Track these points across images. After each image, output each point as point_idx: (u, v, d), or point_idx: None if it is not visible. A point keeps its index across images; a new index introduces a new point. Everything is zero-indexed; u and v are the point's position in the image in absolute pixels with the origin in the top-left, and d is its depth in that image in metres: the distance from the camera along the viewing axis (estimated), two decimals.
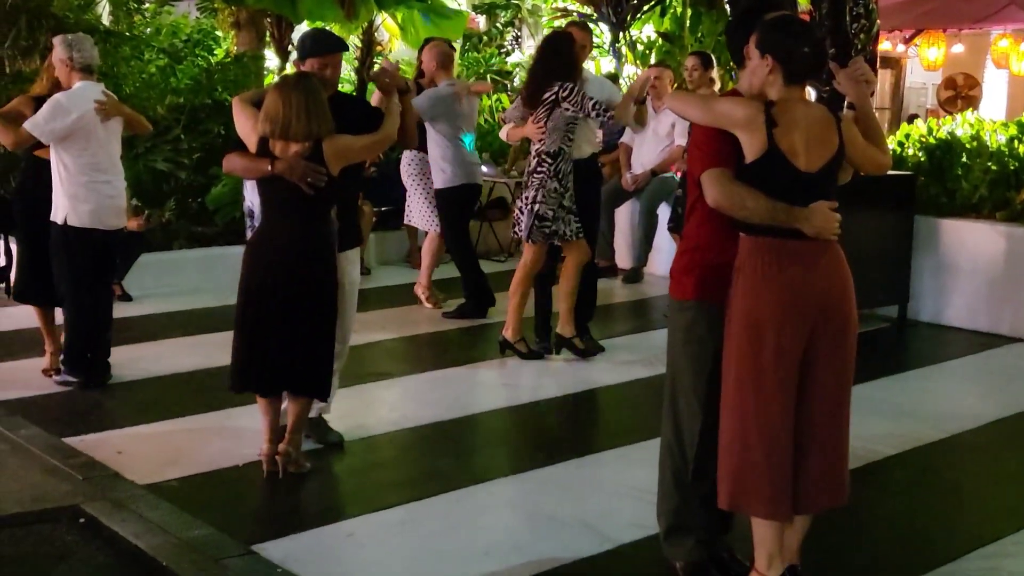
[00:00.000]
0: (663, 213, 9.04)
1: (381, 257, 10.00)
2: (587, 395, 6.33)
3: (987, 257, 7.70)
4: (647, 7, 12.92)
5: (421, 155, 8.04)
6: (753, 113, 3.42)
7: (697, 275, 3.68)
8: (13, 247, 7.42)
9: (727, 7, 10.47)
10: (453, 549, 4.17)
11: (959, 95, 17.06)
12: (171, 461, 4.99)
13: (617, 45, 12.88)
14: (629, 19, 12.84)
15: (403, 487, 4.81)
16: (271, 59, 13.76)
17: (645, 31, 13.71)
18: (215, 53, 12.65)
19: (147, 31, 12.88)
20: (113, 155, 6.07)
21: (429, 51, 7.91)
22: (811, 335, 3.44)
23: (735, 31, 3.76)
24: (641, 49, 13.07)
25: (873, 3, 7.21)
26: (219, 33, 13.48)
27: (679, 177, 8.64)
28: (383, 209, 9.89)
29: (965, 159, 8.09)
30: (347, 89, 12.82)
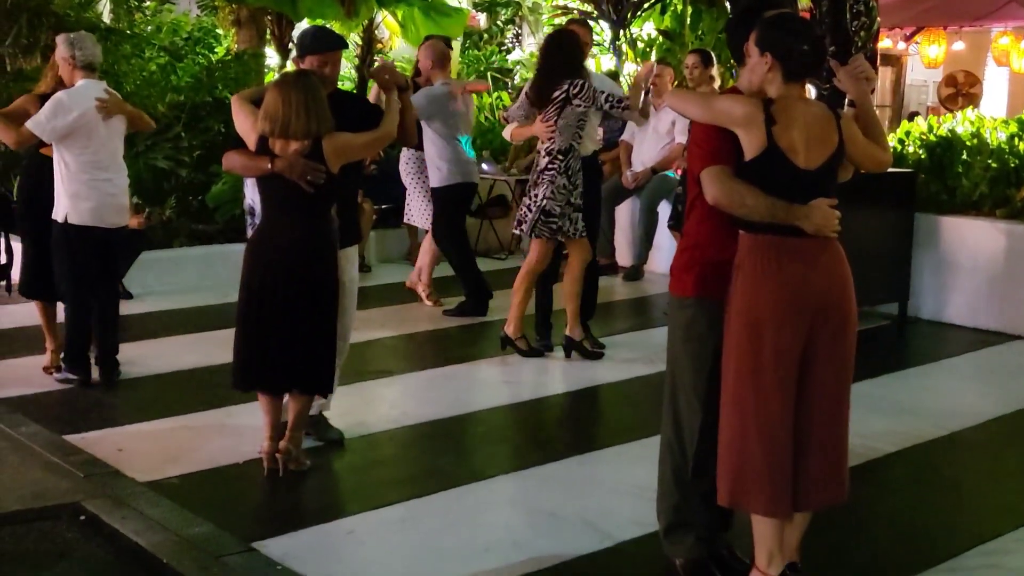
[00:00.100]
0: (663, 211, 9.04)
1: (381, 255, 10.00)
2: (587, 393, 6.34)
3: (987, 254, 7.70)
4: (647, 5, 12.90)
5: (419, 154, 8.05)
6: (752, 111, 3.42)
7: (697, 272, 3.68)
8: (14, 245, 7.41)
9: (727, 5, 10.46)
10: (453, 546, 4.17)
11: (960, 93, 17.05)
12: (171, 459, 5.00)
13: (617, 43, 12.87)
14: (629, 16, 12.83)
15: (403, 484, 4.82)
16: (271, 57, 13.76)
17: (645, 29, 13.69)
18: (215, 51, 12.65)
19: (148, 29, 12.88)
20: (115, 153, 6.07)
21: (425, 50, 7.92)
22: (810, 333, 3.44)
23: (735, 29, 3.76)
24: (641, 47, 13.06)
25: (873, 1, 7.20)
26: (219, 31, 13.48)
27: (679, 175, 8.64)
28: (383, 207, 9.90)
29: (965, 156, 8.09)
30: (347, 87, 12.83)
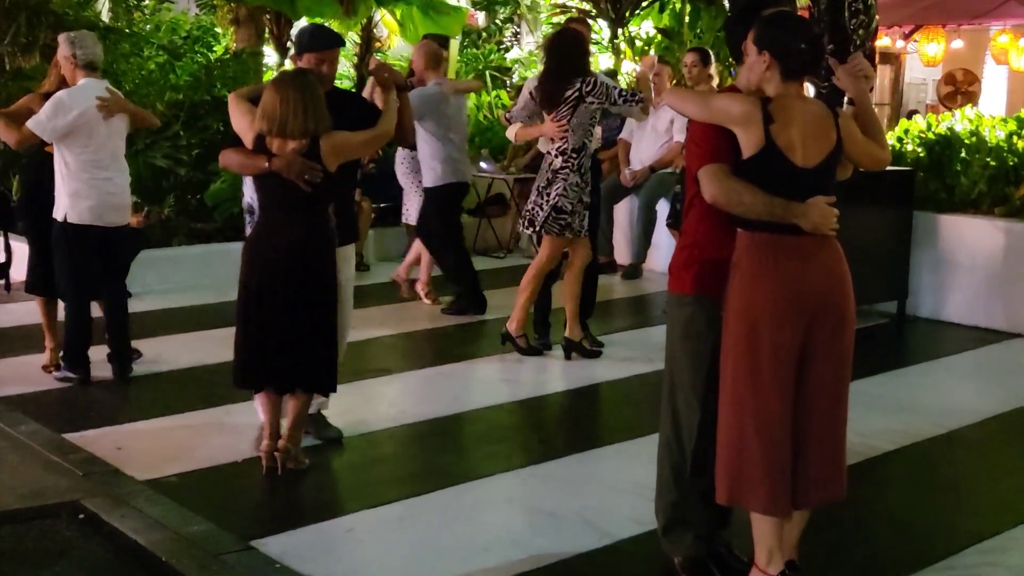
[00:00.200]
0: (662, 209, 9.04)
1: (380, 253, 10.00)
2: (586, 391, 6.34)
3: (986, 253, 7.70)
4: (646, 3, 12.91)
5: (414, 154, 8.08)
6: (750, 109, 3.42)
7: (696, 270, 3.68)
8: (13, 243, 7.41)
9: (725, 3, 10.46)
10: (452, 544, 4.17)
11: (958, 91, 17.06)
12: (171, 457, 5.00)
13: (616, 41, 12.88)
14: (628, 15, 12.85)
15: (402, 483, 4.82)
16: (270, 56, 13.78)
17: (644, 27, 13.70)
18: (214, 50, 12.66)
19: (146, 28, 12.90)
20: (116, 152, 6.07)
21: (418, 51, 7.95)
22: (808, 331, 3.44)
23: (734, 27, 3.76)
24: (640, 45, 13.07)
25: None
26: (218, 30, 13.49)
27: (678, 173, 8.64)
28: (382, 205, 9.89)
29: (964, 155, 8.08)
30: (346, 85, 12.83)
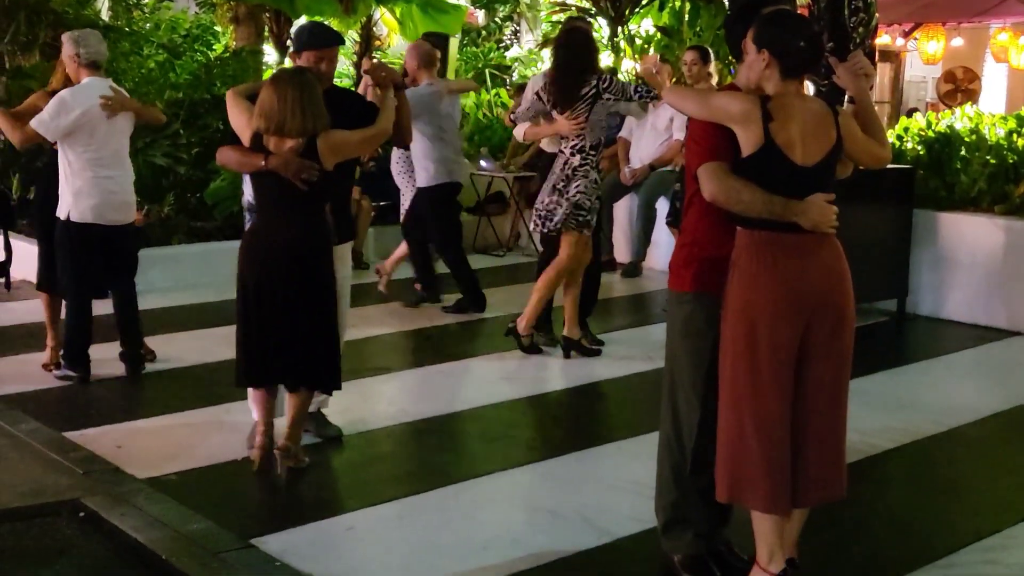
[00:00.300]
0: (661, 207, 9.04)
1: (380, 252, 9.97)
2: (586, 389, 6.34)
3: (986, 251, 7.70)
4: (645, 1, 12.89)
5: (408, 154, 8.09)
6: (749, 107, 3.42)
7: (696, 268, 3.68)
8: (13, 242, 7.42)
9: (725, 1, 10.45)
10: (452, 543, 4.18)
11: (958, 89, 17.06)
12: (171, 455, 5.00)
13: (615, 39, 12.87)
14: (627, 13, 12.83)
15: (402, 481, 4.82)
16: (270, 54, 13.78)
17: (643, 25, 13.69)
18: (214, 48, 12.68)
19: (146, 26, 12.91)
20: (119, 151, 6.07)
21: (411, 51, 7.97)
22: (807, 329, 3.44)
23: (734, 25, 3.76)
24: (639, 43, 13.05)
25: None
26: (218, 28, 13.51)
27: (677, 171, 8.64)
28: (381, 204, 9.89)
29: (964, 153, 8.08)
30: (346, 84, 12.83)
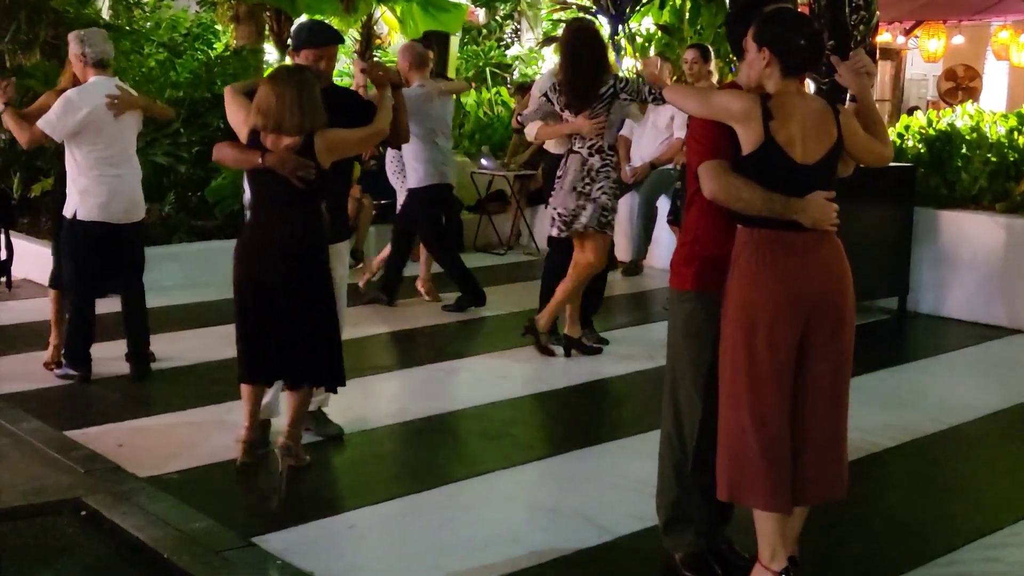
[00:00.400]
0: (662, 206, 9.04)
1: (380, 249, 9.97)
2: (587, 387, 6.33)
3: (987, 249, 7.70)
4: None
5: (401, 154, 8.09)
6: (749, 106, 3.42)
7: (697, 267, 3.69)
8: (14, 241, 7.42)
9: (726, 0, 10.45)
10: (453, 541, 4.18)
11: (959, 86, 17.04)
12: (172, 454, 5.00)
13: (616, 38, 12.85)
14: (628, 11, 12.81)
15: (403, 479, 4.83)
16: (270, 53, 13.77)
17: (644, 23, 13.68)
18: (214, 47, 12.68)
19: (147, 25, 12.92)
20: (126, 149, 6.08)
21: (403, 52, 7.97)
22: (807, 327, 3.44)
23: (735, 24, 3.76)
24: (640, 42, 13.04)
25: None
26: (218, 27, 13.51)
27: (678, 169, 8.64)
28: (382, 202, 9.88)
29: (965, 150, 8.08)
30: (346, 82, 12.82)
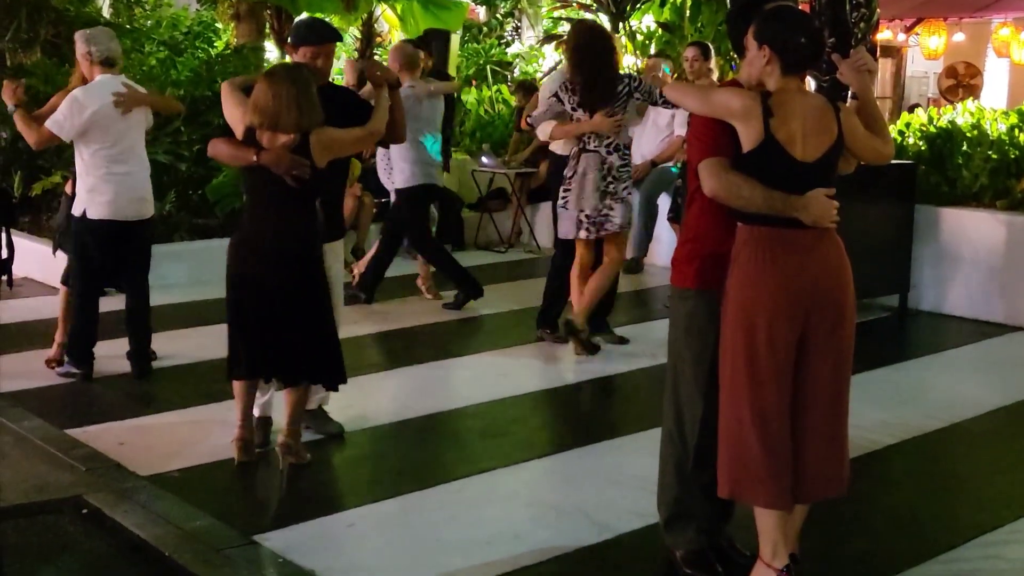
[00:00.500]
0: (663, 203, 9.04)
1: None
2: (588, 385, 6.34)
3: (988, 246, 7.70)
4: None
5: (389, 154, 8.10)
6: (749, 103, 3.42)
7: (698, 264, 3.69)
8: (15, 239, 7.42)
9: None
10: (454, 539, 4.18)
11: (960, 84, 17.04)
12: (173, 452, 5.01)
13: (617, 35, 12.86)
14: (629, 9, 12.83)
15: (404, 478, 4.83)
16: (271, 51, 13.77)
17: (645, 21, 13.69)
18: (215, 45, 12.66)
19: (147, 23, 12.90)
20: (134, 146, 6.09)
21: (393, 53, 7.98)
22: (807, 324, 3.44)
23: (735, 21, 3.75)
24: (641, 39, 13.05)
25: None
26: (219, 25, 13.49)
27: (679, 167, 8.64)
28: (383, 200, 9.88)
29: (966, 148, 8.08)
30: (338, 81, 12.81)
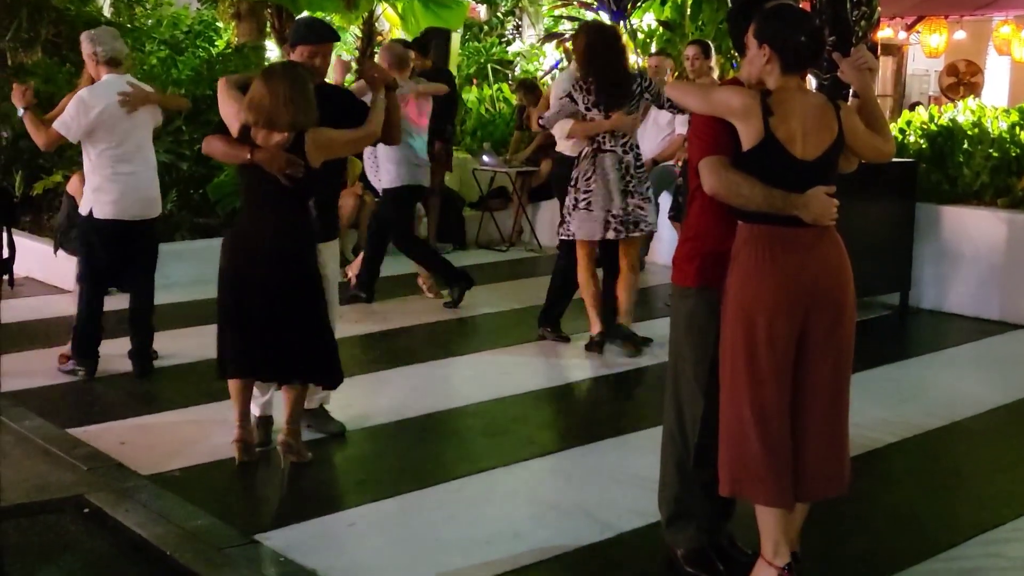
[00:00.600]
0: (664, 202, 9.02)
1: None
2: (589, 384, 6.35)
3: (989, 244, 7.70)
4: None
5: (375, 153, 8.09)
6: (749, 102, 3.42)
7: (699, 263, 3.69)
8: (16, 239, 7.43)
9: None
10: (455, 538, 4.18)
11: (961, 82, 17.02)
12: (174, 452, 5.01)
13: None
14: (629, 7, 12.81)
15: (405, 477, 4.83)
16: (272, 50, 13.76)
17: (646, 19, 13.67)
18: (216, 44, 12.65)
19: (148, 23, 12.90)
20: (140, 145, 6.09)
21: (383, 52, 7.98)
22: (806, 323, 3.44)
23: (736, 20, 3.75)
24: (642, 38, 13.03)
25: None
26: (220, 24, 13.48)
27: (679, 166, 8.64)
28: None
29: (967, 146, 8.08)
30: (347, 80, 12.81)
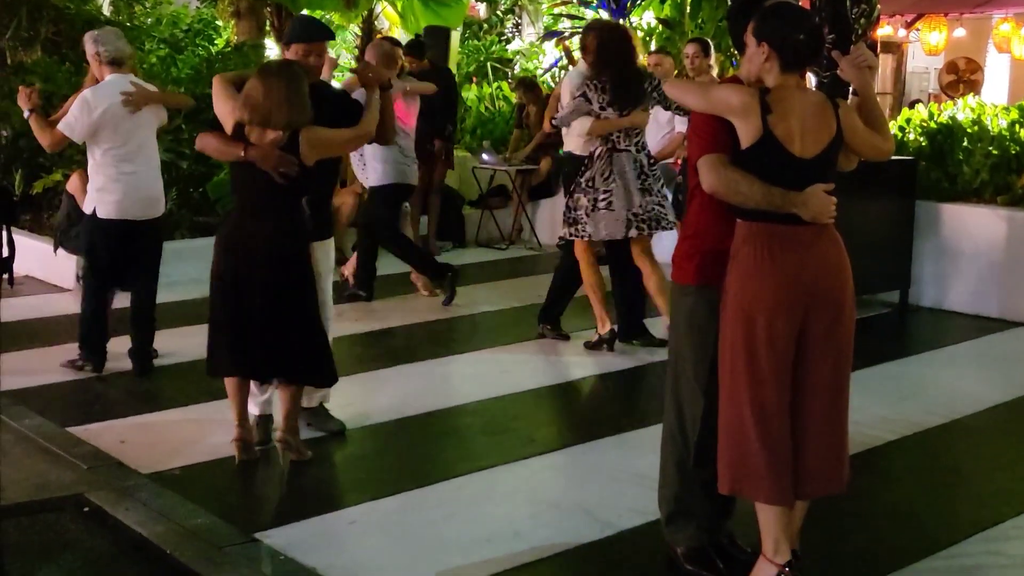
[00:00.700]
0: None
1: None
2: (588, 382, 6.35)
3: (988, 242, 7.70)
4: None
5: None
6: (748, 100, 3.42)
7: (698, 261, 3.69)
8: (16, 238, 7.43)
9: None
10: (455, 536, 4.19)
11: (961, 79, 17.01)
12: (174, 450, 5.01)
13: None
14: (629, 5, 12.81)
15: (405, 475, 4.83)
16: (271, 48, 13.77)
17: (645, 18, 13.67)
18: (215, 43, 12.65)
19: (147, 21, 12.89)
20: (143, 144, 6.10)
21: (370, 51, 7.92)
22: (806, 321, 3.44)
23: (736, 18, 3.75)
24: (641, 36, 13.03)
25: None
26: (219, 23, 13.48)
27: (680, 165, 8.64)
28: None
29: (966, 144, 8.08)
30: (337, 77, 12.81)
